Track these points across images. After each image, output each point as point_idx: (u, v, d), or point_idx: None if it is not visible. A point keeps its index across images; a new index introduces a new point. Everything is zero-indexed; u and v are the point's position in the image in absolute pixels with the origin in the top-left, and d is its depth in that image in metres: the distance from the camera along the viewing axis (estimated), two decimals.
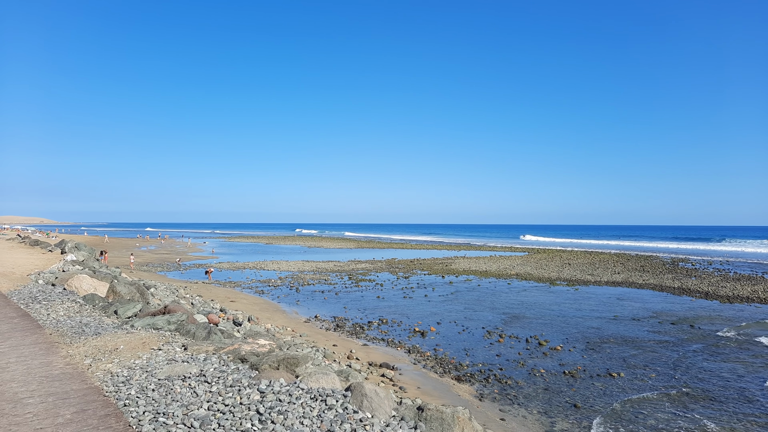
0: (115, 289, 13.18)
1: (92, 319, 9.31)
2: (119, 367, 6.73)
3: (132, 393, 5.78)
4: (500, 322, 23.27)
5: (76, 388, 5.94)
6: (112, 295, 13.08)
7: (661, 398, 13.39)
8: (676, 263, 55.34)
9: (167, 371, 6.19)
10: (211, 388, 5.88)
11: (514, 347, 18.76)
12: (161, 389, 5.83)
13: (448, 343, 19.32)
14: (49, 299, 11.73)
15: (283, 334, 19.73)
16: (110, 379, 6.26)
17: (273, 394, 5.66)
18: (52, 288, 13.31)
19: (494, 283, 38.10)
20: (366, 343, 19.30)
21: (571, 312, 25.84)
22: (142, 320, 8.45)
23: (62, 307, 10.70)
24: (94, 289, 13.17)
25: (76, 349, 7.46)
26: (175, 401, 5.54)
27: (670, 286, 35.76)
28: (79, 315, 9.81)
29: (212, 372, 6.40)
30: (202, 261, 57.46)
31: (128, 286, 13.76)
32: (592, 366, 16.31)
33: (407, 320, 23.70)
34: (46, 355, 7.30)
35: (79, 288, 12.96)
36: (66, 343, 7.74)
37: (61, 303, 11.11)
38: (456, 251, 79.77)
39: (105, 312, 10.22)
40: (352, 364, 15.55)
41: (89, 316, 9.73)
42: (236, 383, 5.92)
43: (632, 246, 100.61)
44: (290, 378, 5.87)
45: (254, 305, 27.35)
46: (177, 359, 7.05)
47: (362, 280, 39.01)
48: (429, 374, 15.40)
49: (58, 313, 10.17)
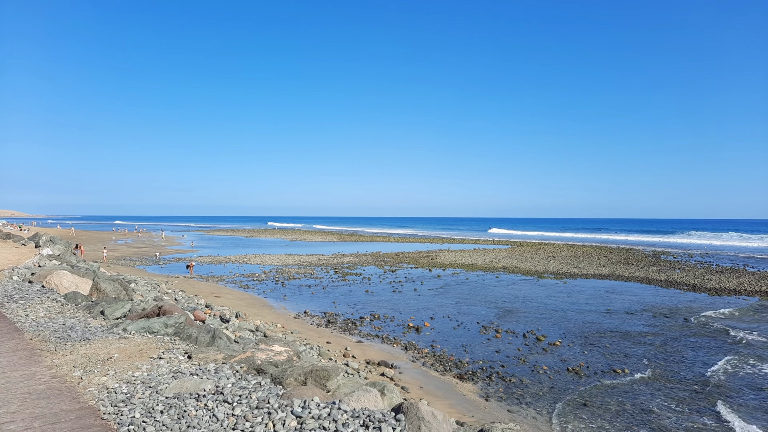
0: (99, 286, 12.13)
1: (77, 321, 8.37)
2: (116, 381, 5.75)
3: (136, 416, 4.85)
4: (494, 317, 22.87)
5: (66, 409, 5.02)
6: (96, 293, 12.05)
7: (674, 393, 13.08)
8: (658, 256, 55.96)
9: (175, 387, 5.24)
10: (234, 410, 4.94)
11: (512, 343, 18.34)
12: (172, 411, 4.88)
13: (444, 339, 18.81)
14: (27, 298, 10.72)
15: (273, 331, 18.97)
16: (107, 396, 5.29)
17: (313, 419, 4.71)
18: (30, 285, 12.19)
19: (482, 276, 37.80)
20: (360, 340, 18.68)
21: (563, 306, 25.60)
22: (136, 323, 7.54)
23: (42, 307, 9.73)
24: (76, 287, 12.13)
25: (62, 358, 6.52)
26: (193, 428, 4.62)
27: (657, 279, 35.94)
28: (62, 316, 8.83)
29: (230, 389, 5.47)
30: (182, 255, 56.02)
31: (113, 283, 12.70)
32: (594, 362, 15.97)
33: (399, 315, 23.14)
34: (28, 365, 6.33)
35: (59, 285, 11.90)
36: (50, 351, 6.80)
37: (40, 302, 10.06)
38: (439, 244, 79.56)
39: (90, 312, 9.29)
40: (350, 362, 14.92)
41: (73, 317, 8.77)
42: (262, 404, 4.99)
43: (604, 239, 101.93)
44: (323, 395, 5.07)
45: (240, 300, 26.47)
46: (183, 371, 6.16)
47: (349, 274, 38.33)
48: (430, 372, 14.85)
49: (38, 314, 9.20)
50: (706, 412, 11.93)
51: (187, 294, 27.02)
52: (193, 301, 24.32)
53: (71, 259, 22.09)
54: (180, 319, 7.71)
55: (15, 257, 22.76)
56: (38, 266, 17.24)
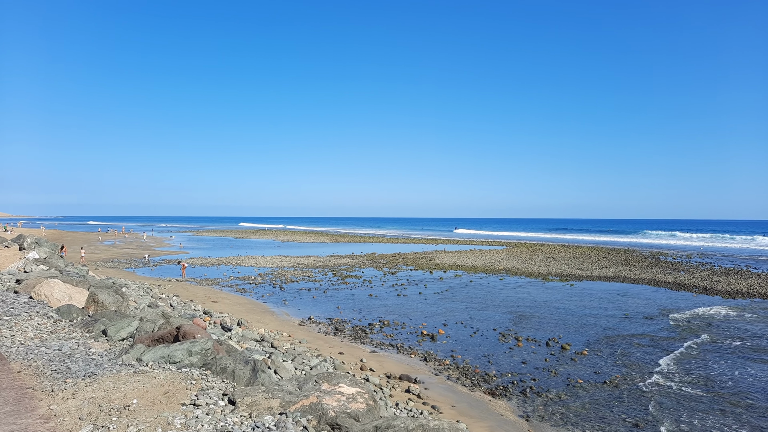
0: (97, 297, 10.55)
1: (76, 345, 6.85)
2: None
3: None
4: (509, 323, 21.74)
5: None
6: (93, 306, 10.49)
7: (746, 413, 12.00)
8: (657, 257, 55.37)
9: None
10: None
11: (537, 352, 17.19)
12: None
13: (464, 349, 17.61)
14: (12, 313, 9.13)
15: (280, 340, 17.62)
16: None
17: None
18: (15, 297, 10.61)
19: (485, 279, 36.71)
20: (374, 350, 17.40)
21: (577, 310, 24.56)
22: (153, 351, 6.10)
23: (31, 325, 8.18)
24: (69, 298, 10.56)
25: (63, 404, 4.98)
26: None
27: (664, 281, 35.11)
28: (56, 337, 7.28)
29: None
30: (171, 257, 54.22)
31: (111, 294, 11.10)
32: (630, 373, 14.86)
33: (410, 321, 21.91)
34: (17, 416, 4.60)
35: (49, 297, 10.34)
36: (45, 391, 5.27)
37: (29, 318, 8.46)
38: (434, 245, 78.47)
39: (88, 331, 7.83)
40: (369, 377, 13.64)
41: (69, 337, 7.27)
42: None
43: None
44: None
45: (239, 306, 25.04)
46: (232, 429, 4.53)
47: (348, 277, 37.01)
48: (457, 387, 13.63)
49: (27, 334, 7.64)
50: None
51: (182, 299, 25.53)
52: (190, 307, 22.86)
53: (59, 263, 20.51)
54: (206, 344, 6.29)
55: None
56: (24, 271, 15.70)
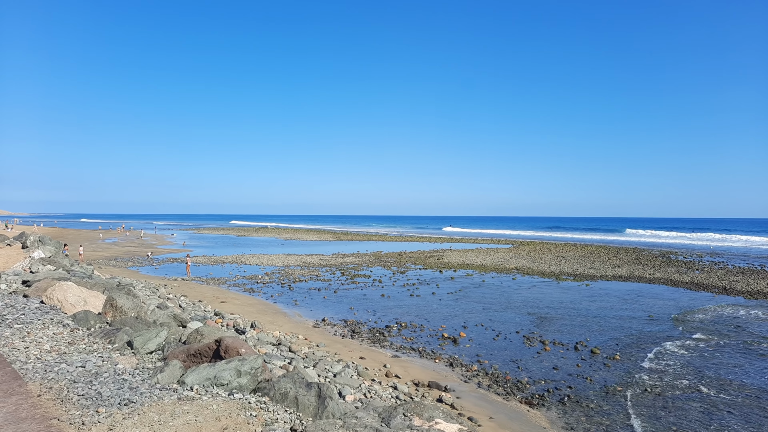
0: (115, 302, 9.63)
1: (101, 360, 5.97)
2: None
3: None
4: (531, 325, 20.97)
5: None
6: (112, 312, 9.59)
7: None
8: (667, 256, 54.60)
9: None
10: None
11: (567, 357, 16.42)
12: None
13: (489, 353, 16.84)
14: (24, 320, 8.24)
15: (297, 344, 16.85)
16: None
17: None
18: (25, 301, 9.76)
19: (498, 278, 35.93)
20: (396, 354, 16.62)
21: (599, 312, 23.79)
22: (197, 372, 5.22)
23: (46, 335, 7.29)
24: (84, 302, 9.67)
25: None
26: None
27: (681, 280, 34.34)
28: (76, 350, 6.38)
29: None
30: (174, 255, 53.46)
31: (131, 298, 10.22)
32: (672, 381, 14.09)
33: (428, 324, 21.14)
34: None
35: (63, 301, 9.48)
36: (75, 423, 4.32)
37: (42, 327, 7.60)
38: (440, 244, 77.69)
39: (110, 341, 7.00)
40: (397, 384, 12.87)
41: (91, 350, 6.40)
42: None
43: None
44: None
45: (249, 306, 24.27)
46: None
47: (357, 276, 36.22)
48: (490, 396, 12.86)
49: (42, 346, 6.73)
50: None
51: (190, 299, 24.77)
52: (200, 308, 22.10)
53: (64, 262, 19.71)
54: (256, 362, 5.41)
55: (1, 260, 20.35)
56: (30, 271, 14.91)
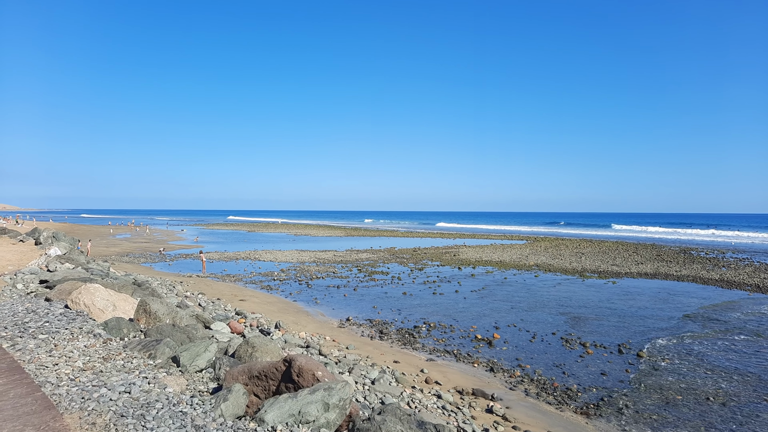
0: (149, 308, 8.54)
1: (146, 383, 5.00)
2: None
3: None
4: (566, 325, 20.03)
5: None
6: (145, 318, 8.64)
7: None
8: (689, 252, 53.33)
9: None
10: None
11: (612, 361, 15.47)
12: None
13: (529, 357, 15.92)
14: (49, 329, 7.44)
15: (325, 346, 16.01)
16: None
17: None
18: (48, 306, 8.84)
19: (519, 275, 34.94)
20: (431, 358, 15.74)
21: (632, 311, 22.79)
22: (277, 406, 4.30)
23: (76, 349, 6.35)
24: (114, 307, 8.71)
25: None
26: None
27: (711, 278, 33.21)
28: (113, 368, 5.36)
29: None
30: (187, 251, 52.83)
31: (164, 302, 9.20)
32: (731, 387, 13.12)
33: (457, 324, 20.25)
34: None
35: (90, 306, 8.54)
36: None
37: (71, 338, 6.73)
38: (452, 239, 76.69)
39: (150, 355, 6.10)
40: (441, 393, 11.98)
41: (131, 368, 5.39)
42: None
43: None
44: None
45: (269, 305, 23.47)
46: None
47: (374, 273, 35.35)
48: (541, 405, 11.95)
49: (74, 363, 5.75)
50: None
51: (208, 297, 24.02)
52: (220, 307, 21.32)
53: (80, 259, 18.95)
54: (344, 391, 4.51)
55: (15, 257, 19.62)
56: (47, 270, 14.13)
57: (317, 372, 4.92)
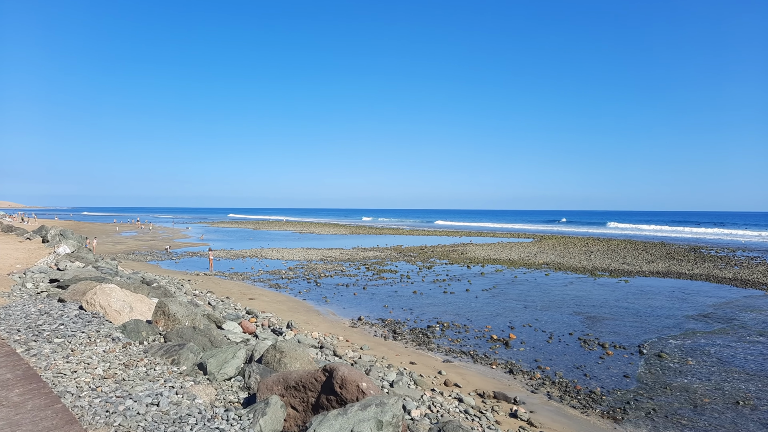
0: (167, 309, 8.20)
1: (173, 393, 4.66)
2: None
3: None
4: (582, 326, 19.65)
5: None
6: (164, 320, 8.21)
7: None
8: (698, 250, 52.78)
9: None
10: None
11: (633, 363, 15.08)
12: None
13: (547, 358, 15.55)
14: (65, 333, 7.03)
15: (339, 346, 15.68)
16: None
17: None
18: (62, 307, 8.49)
19: (529, 274, 34.54)
20: (447, 359, 15.39)
21: (649, 311, 22.38)
22: (327, 424, 3.97)
23: (95, 354, 5.94)
24: (130, 309, 8.30)
25: None
26: None
27: (725, 277, 32.74)
28: (136, 375, 5.01)
29: None
30: (193, 249, 52.63)
31: (183, 304, 8.74)
32: (761, 390, 12.73)
33: (471, 323, 19.89)
34: None
35: (106, 307, 8.16)
36: None
37: (89, 342, 6.35)
38: (458, 237, 76.31)
39: (172, 361, 5.72)
40: (462, 396, 11.62)
41: (155, 377, 5.02)
42: None
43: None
44: None
45: (279, 304, 23.16)
46: None
47: (383, 271, 35.01)
48: (566, 410, 11.59)
49: (94, 370, 5.45)
50: None
51: (217, 296, 23.74)
52: (230, 306, 21.02)
53: (89, 257, 18.67)
54: (396, 407, 4.15)
55: (23, 255, 19.35)
56: (57, 268, 13.85)
57: (361, 383, 4.55)
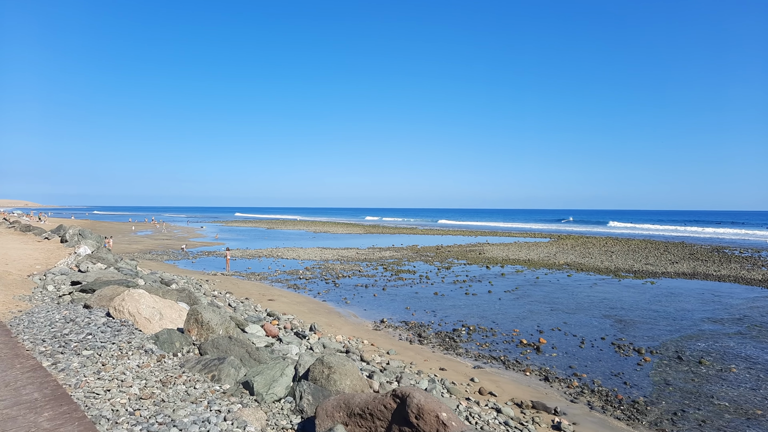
0: (201, 317, 7.69)
1: (221, 419, 3.87)
2: None
3: None
4: (614, 330, 18.97)
5: None
6: (197, 329, 7.55)
7: None
8: (721, 251, 51.54)
9: None
10: None
11: (674, 369, 14.40)
12: None
13: (582, 364, 14.92)
14: (92, 343, 6.52)
15: (365, 351, 15.19)
16: None
17: None
18: (88, 314, 8.02)
19: (551, 275, 33.79)
20: (478, 365, 14.82)
21: (681, 314, 21.60)
22: None
23: (128, 370, 5.47)
24: (160, 316, 7.83)
25: None
26: None
27: (754, 278, 31.75)
28: (176, 395, 4.44)
29: None
30: (209, 248, 52.53)
31: (217, 311, 8.22)
32: None
33: (498, 327, 19.30)
34: None
35: (136, 315, 7.70)
36: None
37: (119, 354, 5.87)
38: (474, 237, 75.53)
39: (213, 377, 5.22)
40: (500, 406, 11.06)
41: (197, 397, 4.50)
42: None
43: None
44: None
45: (299, 305, 22.74)
46: None
47: (401, 272, 34.48)
48: (610, 421, 10.98)
49: (129, 387, 5.01)
50: None
51: (236, 297, 23.40)
52: (250, 307, 20.65)
53: (108, 257, 18.37)
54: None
55: (42, 255, 19.12)
56: (78, 270, 13.52)
57: (441, 414, 3.99)
